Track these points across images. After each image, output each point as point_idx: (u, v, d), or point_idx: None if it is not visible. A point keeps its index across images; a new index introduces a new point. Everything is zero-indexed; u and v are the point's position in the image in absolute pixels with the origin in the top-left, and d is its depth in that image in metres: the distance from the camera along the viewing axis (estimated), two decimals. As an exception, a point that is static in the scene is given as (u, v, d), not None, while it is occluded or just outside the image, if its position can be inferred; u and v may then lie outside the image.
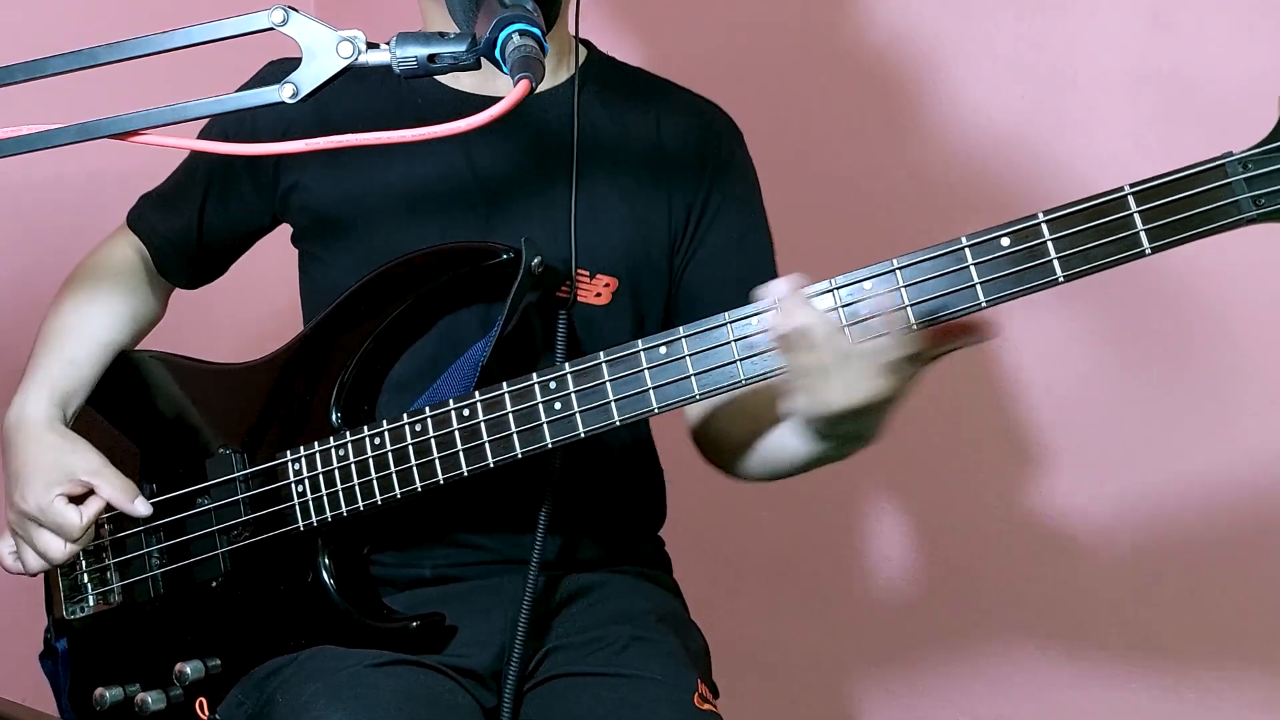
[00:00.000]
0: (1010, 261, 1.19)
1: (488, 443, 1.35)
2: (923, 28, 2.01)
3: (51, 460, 1.49)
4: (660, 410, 1.30)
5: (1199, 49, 1.80)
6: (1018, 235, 1.19)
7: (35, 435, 1.51)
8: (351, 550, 1.47)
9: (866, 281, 1.23)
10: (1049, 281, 1.18)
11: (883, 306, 1.21)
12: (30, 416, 1.52)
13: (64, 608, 1.57)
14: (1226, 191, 1.13)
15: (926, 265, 1.22)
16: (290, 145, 1.13)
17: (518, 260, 1.39)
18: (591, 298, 1.48)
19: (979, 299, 1.20)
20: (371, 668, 1.36)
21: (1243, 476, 1.84)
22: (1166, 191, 1.15)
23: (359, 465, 1.41)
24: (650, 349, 1.29)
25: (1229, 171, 1.13)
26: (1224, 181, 1.13)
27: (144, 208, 1.65)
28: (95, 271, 1.62)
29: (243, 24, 1.13)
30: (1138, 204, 1.15)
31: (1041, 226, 1.18)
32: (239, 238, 1.63)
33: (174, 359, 1.60)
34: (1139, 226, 1.15)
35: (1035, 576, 2.01)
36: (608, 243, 1.49)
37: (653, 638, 1.47)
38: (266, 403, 1.50)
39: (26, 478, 1.48)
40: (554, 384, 1.33)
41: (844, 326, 1.22)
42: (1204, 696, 1.89)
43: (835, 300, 1.23)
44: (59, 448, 1.50)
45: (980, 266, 1.20)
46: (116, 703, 1.51)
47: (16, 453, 1.51)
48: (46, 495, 1.46)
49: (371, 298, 1.45)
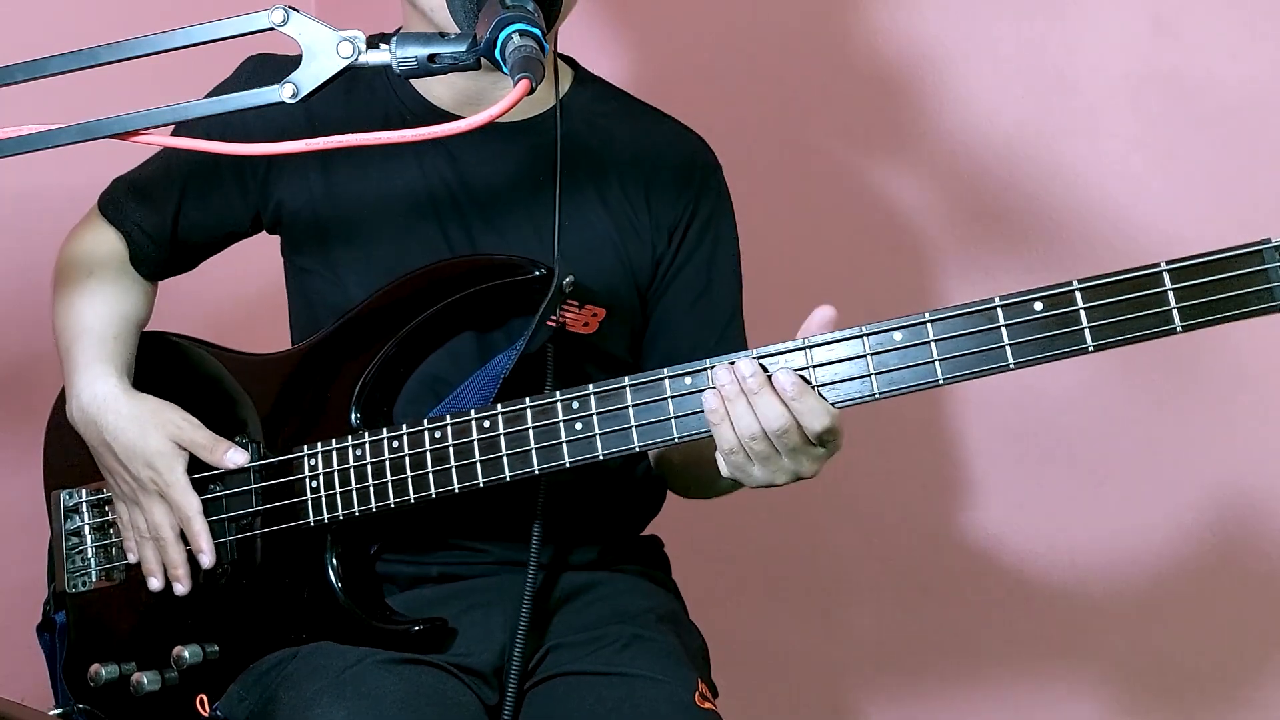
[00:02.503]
0: (1042, 326, 1.20)
1: (505, 456, 1.36)
2: (924, 31, 2.01)
3: (159, 429, 1.47)
4: (681, 440, 1.31)
5: (1200, 52, 1.81)
6: (1051, 301, 1.20)
7: (128, 406, 1.48)
8: (358, 549, 1.48)
9: (897, 332, 1.25)
10: (1079, 350, 1.20)
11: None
12: (102, 392, 1.49)
13: (66, 580, 1.57)
14: (1262, 278, 1.14)
15: (958, 321, 1.23)
16: (286, 145, 1.12)
17: (549, 277, 1.40)
18: (579, 327, 1.49)
19: (1008, 360, 1.22)
20: (375, 665, 1.38)
21: (1242, 484, 1.86)
22: (1202, 272, 1.16)
23: (375, 467, 1.41)
24: (675, 378, 1.31)
25: (1266, 258, 1.14)
26: (1261, 267, 1.14)
27: (118, 195, 1.60)
28: (91, 261, 1.57)
29: (243, 24, 1.13)
30: (1173, 281, 1.17)
31: (1075, 295, 1.19)
32: (216, 238, 1.60)
33: (196, 343, 1.60)
34: (1172, 304, 1.17)
35: (1035, 579, 2.03)
36: (598, 272, 1.50)
37: (653, 637, 1.49)
38: (286, 396, 1.50)
39: (142, 450, 1.46)
40: (577, 404, 1.34)
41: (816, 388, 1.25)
42: (1204, 701, 1.92)
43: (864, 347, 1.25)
44: (159, 412, 1.48)
45: (1011, 328, 1.21)
46: (111, 680, 1.51)
47: (109, 428, 1.47)
48: (173, 471, 1.46)
49: (399, 302, 1.45)
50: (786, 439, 1.24)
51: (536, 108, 1.54)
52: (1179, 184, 1.85)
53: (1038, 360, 1.21)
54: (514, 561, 1.49)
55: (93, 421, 1.49)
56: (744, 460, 1.27)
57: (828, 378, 1.26)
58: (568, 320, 1.48)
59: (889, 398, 1.25)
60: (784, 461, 1.26)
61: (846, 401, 1.26)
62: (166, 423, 1.48)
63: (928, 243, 2.04)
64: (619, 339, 1.55)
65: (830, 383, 1.26)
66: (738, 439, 1.25)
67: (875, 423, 1.90)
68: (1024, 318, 1.21)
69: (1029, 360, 1.21)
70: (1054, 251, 1.93)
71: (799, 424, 1.24)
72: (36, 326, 1.64)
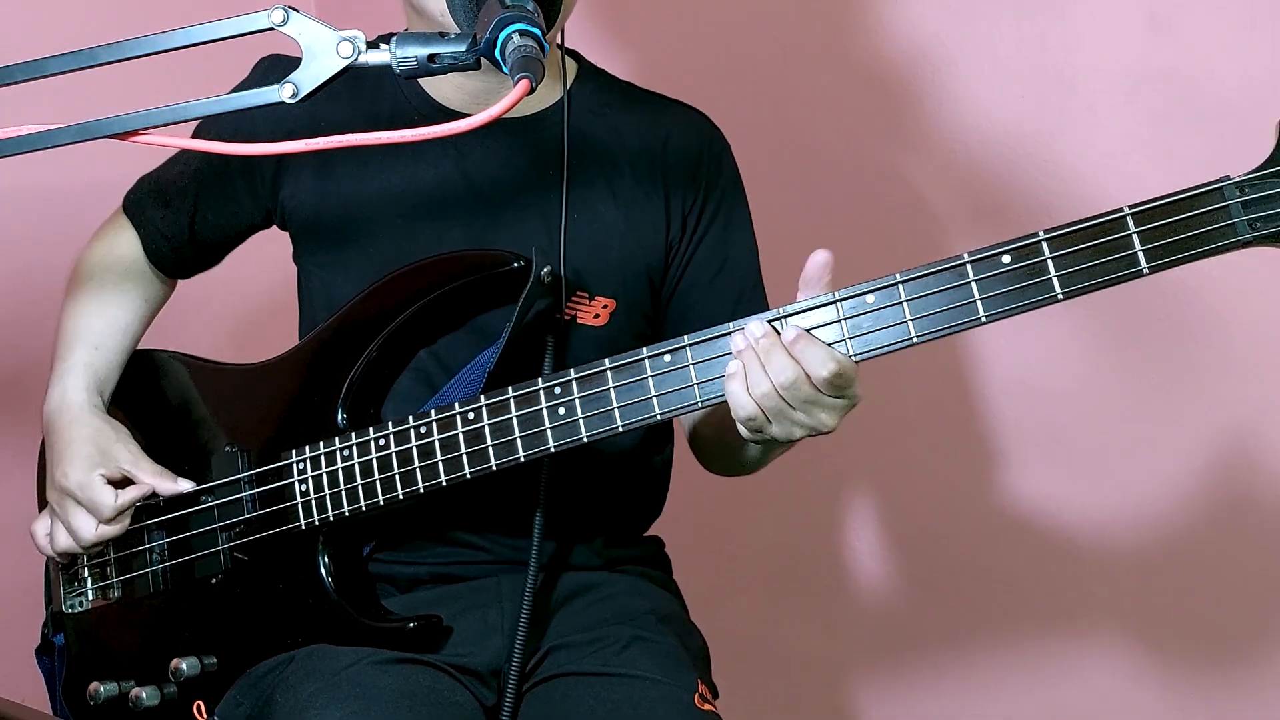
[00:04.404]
0: (1011, 278, 1.21)
1: (491, 446, 1.36)
2: (923, 29, 2.02)
3: (94, 442, 1.51)
4: (663, 417, 1.31)
5: (1197, 50, 1.81)
6: (1019, 253, 1.21)
7: (80, 418, 1.53)
8: (351, 550, 1.48)
9: (869, 295, 1.25)
10: (1048, 299, 1.20)
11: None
12: (73, 401, 1.54)
13: (63, 601, 1.57)
14: (1224, 214, 1.15)
15: (929, 280, 1.24)
16: (289, 145, 1.13)
17: (527, 269, 1.40)
18: (590, 319, 1.50)
19: (979, 314, 1.22)
20: (371, 666, 1.37)
21: (1240, 476, 1.85)
22: (1165, 213, 1.17)
23: (363, 466, 1.42)
24: (655, 357, 1.31)
25: (1226, 195, 1.15)
26: (1221, 204, 1.15)
27: (140, 194, 1.65)
28: (104, 263, 1.62)
29: (243, 24, 1.13)
30: (1136, 224, 1.18)
31: (1042, 245, 1.20)
32: (231, 235, 1.64)
33: (183, 357, 1.61)
34: (1137, 247, 1.17)
35: (1034, 576, 2.02)
36: (607, 264, 1.51)
37: (653, 638, 1.48)
38: (273, 403, 1.51)
39: (70, 457, 1.50)
40: (559, 389, 1.34)
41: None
42: (1202, 695, 1.90)
43: (838, 313, 1.25)
44: (102, 431, 1.52)
45: (981, 283, 1.22)
46: (111, 698, 1.52)
47: (60, 434, 1.53)
48: (88, 474, 1.49)
49: (380, 302, 1.46)
50: (797, 390, 1.24)
51: (543, 102, 1.53)
52: (1177, 182, 1.82)
53: (1009, 312, 1.22)
54: (511, 559, 1.49)
55: (51, 425, 1.55)
56: (761, 420, 1.26)
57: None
58: (578, 313, 1.49)
59: (864, 360, 1.25)
60: (798, 414, 1.26)
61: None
62: (106, 450, 1.51)
63: (927, 241, 2.04)
64: (632, 331, 1.54)
65: (807, 350, 1.26)
66: (751, 399, 1.25)
67: (875, 422, 1.90)
68: (993, 271, 1.22)
69: (1000, 313, 1.22)
70: (1053, 249, 1.93)
71: (806, 374, 1.24)
72: (36, 332, 1.65)
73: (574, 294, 1.49)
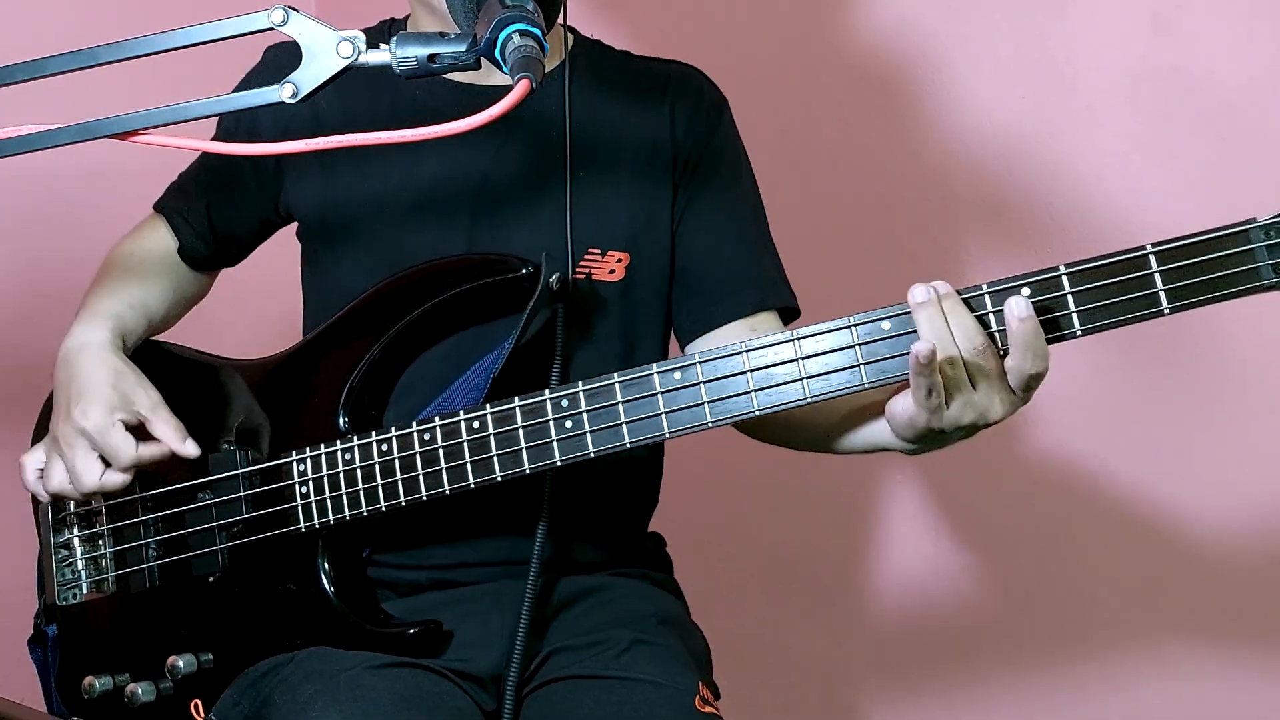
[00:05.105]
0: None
1: (496, 456, 1.36)
2: (923, 28, 2.02)
3: (115, 385, 1.48)
4: (672, 435, 1.31)
5: (1199, 50, 1.81)
6: (1038, 286, 1.21)
7: (101, 356, 1.49)
8: (351, 553, 1.48)
9: (885, 322, 1.25)
10: (1066, 335, 1.20)
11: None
12: (93, 340, 1.51)
13: (56, 593, 1.56)
14: (1249, 257, 1.15)
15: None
16: (291, 145, 1.13)
17: (536, 275, 1.40)
18: (605, 275, 1.50)
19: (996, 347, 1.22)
20: (371, 669, 1.36)
21: (1245, 478, 1.85)
22: (1188, 253, 1.16)
23: (365, 470, 1.41)
24: (664, 373, 1.31)
25: (1252, 238, 1.15)
26: (1246, 247, 1.15)
27: (167, 191, 1.68)
28: (134, 253, 1.63)
29: (243, 24, 1.13)
30: (1159, 263, 1.17)
31: (1062, 279, 1.20)
32: (253, 230, 1.65)
33: (184, 351, 1.60)
34: (1159, 286, 1.17)
35: (1037, 579, 2.03)
36: (615, 220, 1.51)
37: (654, 640, 1.48)
38: (274, 401, 1.50)
39: (91, 397, 1.46)
40: (566, 402, 1.33)
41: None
42: (1207, 699, 1.91)
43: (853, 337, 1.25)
44: (123, 373, 1.49)
45: (999, 315, 1.21)
46: (106, 692, 1.50)
47: (78, 371, 1.49)
48: (109, 417, 1.45)
49: (385, 304, 1.45)
50: (983, 360, 1.21)
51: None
52: (1178, 181, 1.85)
53: (1028, 346, 1.21)
54: (511, 562, 1.49)
55: (68, 360, 1.50)
56: (936, 400, 1.21)
57: (817, 369, 1.26)
58: (593, 270, 1.49)
59: (877, 387, 1.25)
60: (976, 396, 1.22)
61: (836, 392, 1.26)
62: (127, 394, 1.48)
63: (927, 240, 2.04)
64: (650, 284, 1.54)
65: (820, 374, 1.26)
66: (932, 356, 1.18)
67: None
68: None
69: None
70: (1053, 249, 1.92)
71: (998, 351, 1.21)
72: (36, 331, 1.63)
73: (586, 252, 1.48)
